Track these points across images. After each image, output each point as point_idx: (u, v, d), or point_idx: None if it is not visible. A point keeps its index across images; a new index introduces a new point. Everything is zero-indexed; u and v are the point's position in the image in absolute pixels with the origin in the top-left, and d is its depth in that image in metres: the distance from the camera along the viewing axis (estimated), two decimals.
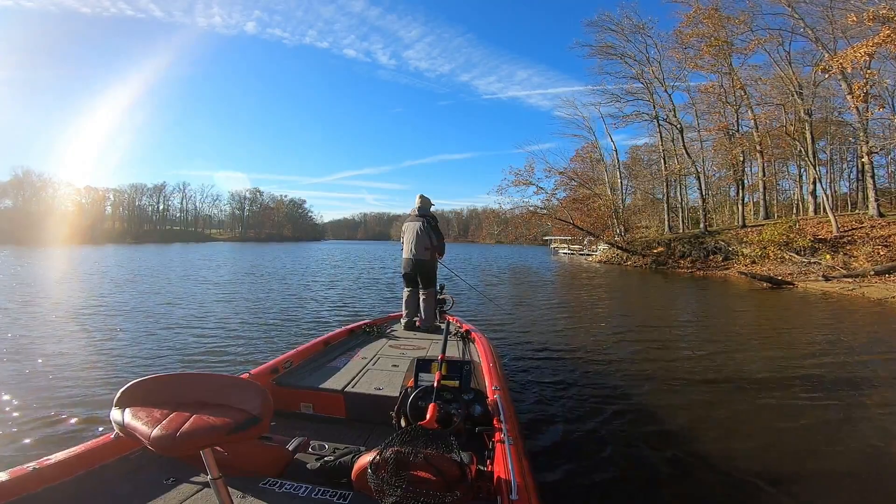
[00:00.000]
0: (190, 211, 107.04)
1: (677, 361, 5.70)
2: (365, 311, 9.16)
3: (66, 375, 4.72)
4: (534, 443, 3.24)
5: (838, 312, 9.80)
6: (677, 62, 26.26)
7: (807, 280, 14.18)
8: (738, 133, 25.05)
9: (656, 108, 27.92)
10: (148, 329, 7.16)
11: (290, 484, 1.84)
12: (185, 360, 5.46)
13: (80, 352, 5.78)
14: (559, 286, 16.61)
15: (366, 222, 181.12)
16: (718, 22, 23.18)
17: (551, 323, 8.51)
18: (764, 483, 2.77)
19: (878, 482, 2.87)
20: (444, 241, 4.92)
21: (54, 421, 3.59)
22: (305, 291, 12.80)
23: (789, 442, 3.42)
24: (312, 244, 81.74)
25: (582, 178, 33.24)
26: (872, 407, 4.13)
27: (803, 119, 22.89)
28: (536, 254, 46.16)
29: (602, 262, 28.48)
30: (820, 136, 26.36)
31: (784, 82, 23.49)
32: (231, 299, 10.86)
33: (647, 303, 12.02)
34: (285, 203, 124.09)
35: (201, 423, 1.34)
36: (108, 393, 4.03)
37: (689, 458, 3.11)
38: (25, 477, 1.67)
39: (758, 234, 20.12)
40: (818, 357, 5.90)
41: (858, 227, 18.08)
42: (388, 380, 3.06)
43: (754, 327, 8.33)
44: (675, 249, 23.19)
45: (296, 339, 6.54)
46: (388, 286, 14.45)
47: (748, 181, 28.13)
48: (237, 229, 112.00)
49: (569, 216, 29.71)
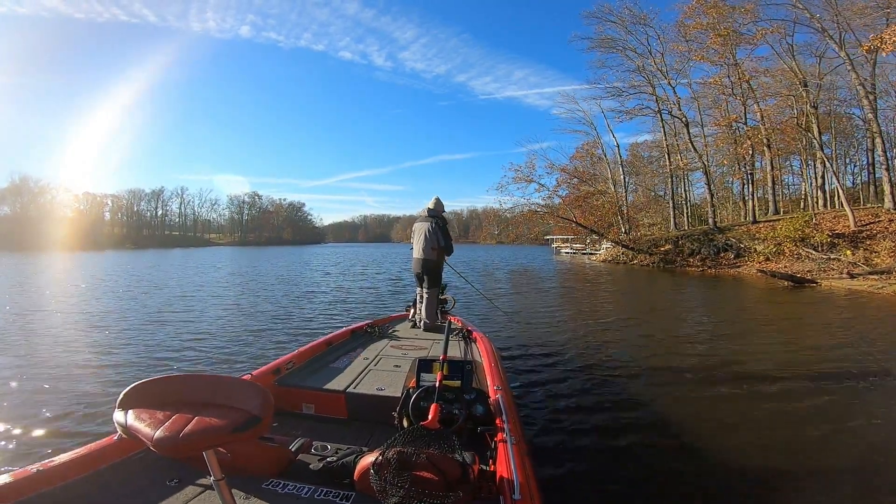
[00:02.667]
0: (189, 216, 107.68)
1: (683, 361, 5.53)
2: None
3: (69, 378, 4.75)
4: (536, 442, 3.21)
5: (872, 313, 9.03)
6: (680, 54, 25.50)
7: (829, 278, 13.40)
8: (745, 126, 24.29)
9: (659, 101, 27.19)
10: (148, 330, 7.24)
11: (293, 484, 1.84)
12: (186, 362, 5.49)
13: (83, 354, 5.81)
14: (564, 288, 15.80)
15: (366, 224, 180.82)
16: (722, 12, 22.47)
17: (554, 324, 8.22)
18: (775, 486, 2.71)
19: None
20: (452, 241, 4.93)
21: (57, 423, 3.60)
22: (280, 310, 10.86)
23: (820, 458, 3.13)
24: (312, 247, 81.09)
25: (583, 176, 32.49)
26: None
27: (809, 112, 22.24)
28: (538, 254, 45.28)
29: (606, 261, 27.65)
30: (824, 130, 25.73)
31: (788, 76, 22.88)
32: (231, 301, 10.81)
33: (659, 303, 11.19)
34: (284, 206, 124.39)
35: (203, 424, 1.34)
36: (111, 395, 4.03)
37: (693, 456, 3.08)
38: (29, 479, 1.67)
39: (770, 230, 19.36)
40: (854, 362, 5.31)
41: (876, 222, 17.32)
42: (390, 380, 3.03)
43: (788, 333, 7.52)
44: (684, 247, 22.41)
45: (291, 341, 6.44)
46: (388, 293, 13.68)
47: (756, 176, 27.36)
48: (237, 233, 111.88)
49: (571, 214, 28.90)
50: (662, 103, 27.15)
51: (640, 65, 27.27)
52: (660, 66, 26.18)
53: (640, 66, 27.26)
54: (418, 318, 4.84)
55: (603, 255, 29.48)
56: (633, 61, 27.57)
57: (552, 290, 14.48)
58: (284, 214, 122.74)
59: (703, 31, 23.50)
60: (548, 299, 11.99)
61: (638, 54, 27.19)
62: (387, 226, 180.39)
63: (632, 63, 27.67)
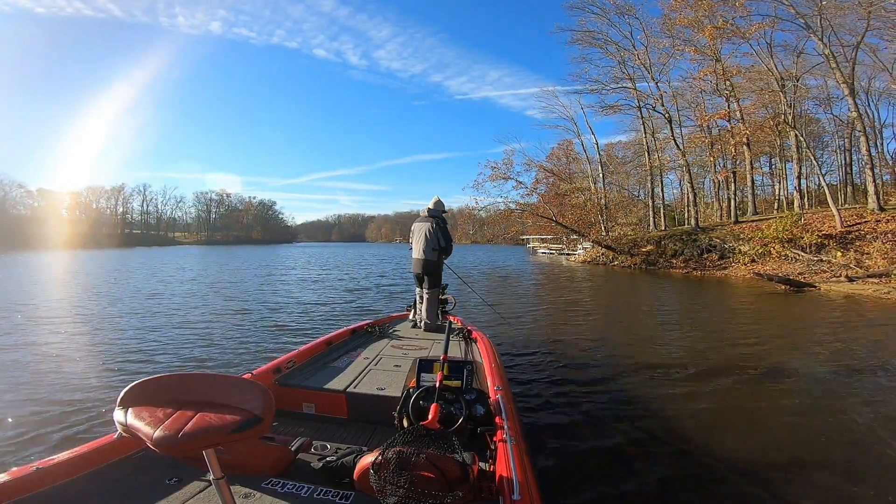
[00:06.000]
0: (152, 213, 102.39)
1: (684, 363, 5.47)
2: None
3: (69, 376, 4.72)
4: (536, 442, 3.12)
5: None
6: (664, 50, 24.85)
7: (827, 281, 12.62)
8: (730, 124, 23.77)
9: (640, 97, 26.46)
10: (149, 331, 7.15)
11: (293, 484, 1.82)
12: (187, 361, 5.45)
13: (83, 354, 5.77)
14: (551, 293, 14.62)
15: (340, 224, 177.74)
16: (708, 7, 21.86)
17: (554, 325, 8.17)
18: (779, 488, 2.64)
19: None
20: (451, 242, 4.89)
21: (57, 421, 3.54)
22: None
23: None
24: (282, 247, 78.03)
25: (561, 174, 31.61)
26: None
27: (787, 111, 21.93)
28: (514, 254, 44.37)
29: (586, 262, 26.76)
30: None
31: (765, 75, 22.50)
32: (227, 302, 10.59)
33: (654, 306, 10.16)
34: (254, 204, 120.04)
35: (203, 423, 1.34)
36: (111, 393, 4.03)
37: (693, 456, 3.06)
38: (28, 477, 1.67)
39: (756, 231, 18.73)
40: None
41: (862, 222, 16.82)
42: (391, 380, 3.01)
43: (835, 351, 6.42)
44: (667, 248, 21.64)
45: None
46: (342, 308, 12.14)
47: (721, 177, 26.98)
48: (203, 232, 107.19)
49: (550, 213, 27.87)
50: (644, 99, 26.45)
51: (620, 60, 26.53)
52: (643, 60, 25.39)
53: (622, 61, 26.53)
54: (419, 318, 4.81)
55: (582, 256, 28.60)
56: (613, 56, 26.82)
57: (542, 294, 13.24)
58: (254, 213, 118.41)
59: (687, 27, 22.91)
60: (537, 302, 11.19)
61: (620, 48, 26.43)
62: (361, 225, 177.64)
63: (612, 59, 26.95)
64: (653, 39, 25.19)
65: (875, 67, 23.01)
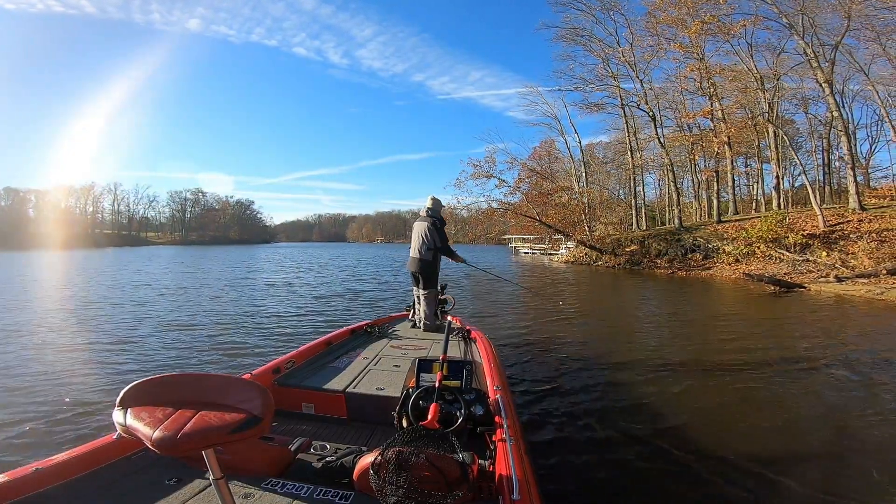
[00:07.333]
0: (123, 213, 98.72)
1: (685, 364, 5.38)
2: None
3: (68, 377, 4.67)
4: (535, 442, 3.15)
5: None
6: (646, 49, 24.66)
7: (816, 281, 12.35)
8: (712, 123, 23.71)
9: (623, 96, 26.27)
10: (149, 331, 7.12)
11: (292, 484, 1.79)
12: (186, 361, 5.43)
13: (82, 354, 5.71)
14: (543, 293, 14.09)
15: (320, 224, 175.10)
16: (691, 5, 21.70)
17: (554, 325, 8.00)
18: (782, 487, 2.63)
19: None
20: (448, 243, 4.85)
21: (56, 422, 3.51)
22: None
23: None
24: (259, 247, 75.98)
25: (544, 173, 31.21)
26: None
27: (767, 111, 21.96)
28: (496, 254, 43.83)
29: (569, 262, 26.36)
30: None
31: (744, 76, 22.48)
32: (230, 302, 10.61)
33: (647, 307, 9.68)
34: (231, 204, 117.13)
35: (203, 423, 1.32)
36: (110, 394, 3.96)
37: (693, 455, 3.03)
38: (27, 478, 1.65)
39: (739, 230, 18.58)
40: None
41: (845, 222, 16.77)
42: (390, 380, 3.00)
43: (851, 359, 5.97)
44: (651, 247, 21.37)
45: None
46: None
47: (704, 176, 26.99)
48: (178, 232, 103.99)
49: (534, 212, 27.40)
50: (628, 98, 26.23)
51: (604, 58, 26.27)
52: (628, 57, 25.14)
53: (606, 59, 26.26)
54: (418, 318, 4.78)
55: (566, 256, 28.22)
56: (597, 54, 26.53)
57: (538, 295, 12.67)
58: (231, 212, 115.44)
59: (671, 26, 22.74)
60: (528, 301, 10.84)
61: (605, 45, 26.13)
62: (342, 225, 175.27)
63: (596, 57, 26.66)
64: (637, 37, 24.99)
65: (851, 68, 23.31)
